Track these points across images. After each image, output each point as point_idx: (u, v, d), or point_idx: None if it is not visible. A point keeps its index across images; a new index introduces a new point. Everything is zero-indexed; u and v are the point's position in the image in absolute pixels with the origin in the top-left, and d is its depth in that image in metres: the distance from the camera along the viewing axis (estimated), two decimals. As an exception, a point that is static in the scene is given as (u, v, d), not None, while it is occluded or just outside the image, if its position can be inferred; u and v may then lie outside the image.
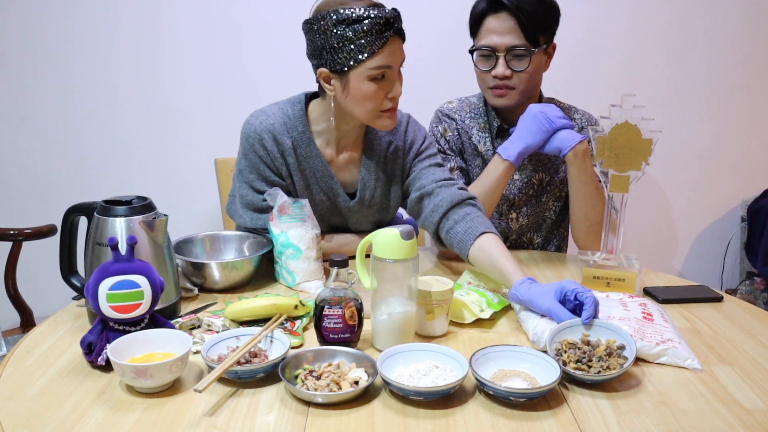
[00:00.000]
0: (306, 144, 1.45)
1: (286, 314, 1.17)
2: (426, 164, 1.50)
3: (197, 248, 1.47)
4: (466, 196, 1.40)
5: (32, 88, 2.37)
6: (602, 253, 1.40)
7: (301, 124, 1.45)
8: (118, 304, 1.01)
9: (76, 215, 1.25)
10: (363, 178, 1.50)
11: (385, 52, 1.28)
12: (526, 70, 1.55)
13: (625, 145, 1.31)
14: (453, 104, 1.75)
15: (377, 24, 1.25)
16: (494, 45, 1.55)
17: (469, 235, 1.31)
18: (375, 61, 1.28)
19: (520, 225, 1.74)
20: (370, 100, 1.33)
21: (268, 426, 0.87)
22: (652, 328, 1.10)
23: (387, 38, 1.27)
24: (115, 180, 2.45)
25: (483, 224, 1.33)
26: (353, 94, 1.33)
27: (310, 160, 1.46)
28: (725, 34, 2.47)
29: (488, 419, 0.89)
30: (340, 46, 1.28)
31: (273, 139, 1.42)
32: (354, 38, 1.26)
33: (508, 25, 1.53)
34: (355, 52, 1.28)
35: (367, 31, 1.25)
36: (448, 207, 1.38)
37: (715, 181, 2.63)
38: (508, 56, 1.55)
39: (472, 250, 1.30)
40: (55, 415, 0.89)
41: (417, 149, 1.52)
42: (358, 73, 1.30)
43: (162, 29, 2.35)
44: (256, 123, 1.44)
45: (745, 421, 0.90)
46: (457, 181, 1.47)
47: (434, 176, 1.46)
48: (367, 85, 1.31)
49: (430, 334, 1.16)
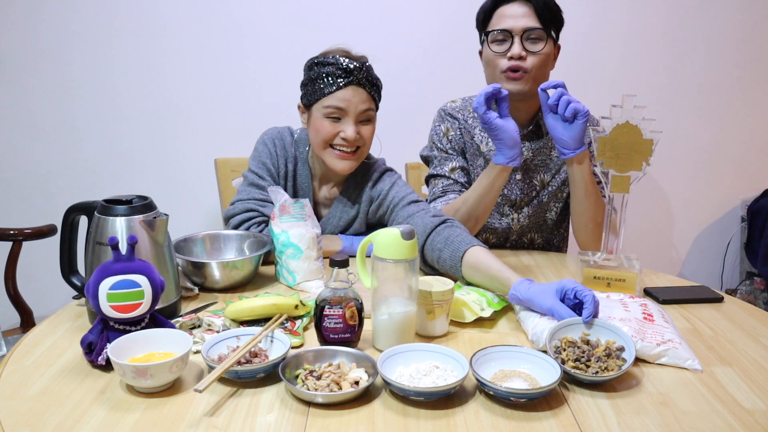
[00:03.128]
0: (302, 163, 1.63)
1: (287, 314, 1.17)
2: (400, 205, 1.55)
3: (197, 248, 1.47)
4: (439, 221, 1.41)
5: (33, 88, 2.37)
6: (603, 253, 1.40)
7: (302, 145, 1.64)
8: (118, 304, 1.00)
9: (77, 215, 1.25)
10: (329, 215, 1.64)
11: (339, 95, 1.47)
12: (541, 51, 1.56)
13: (626, 146, 1.31)
14: (456, 103, 1.75)
15: (339, 70, 1.46)
16: (510, 27, 1.56)
17: (456, 258, 1.32)
18: (329, 101, 1.47)
19: (521, 225, 1.74)
20: (321, 133, 1.50)
21: (268, 426, 0.87)
22: (653, 329, 1.10)
23: (341, 84, 1.46)
24: (115, 180, 2.45)
25: (464, 242, 1.33)
26: (312, 126, 1.53)
27: (300, 177, 1.63)
28: (725, 34, 2.47)
29: (489, 419, 0.89)
30: (310, 83, 1.51)
31: (282, 144, 1.62)
32: (318, 79, 1.48)
33: (522, 11, 1.56)
34: (317, 91, 1.49)
35: (329, 74, 1.47)
36: (425, 237, 1.40)
37: (715, 181, 2.63)
38: (524, 37, 1.55)
39: (464, 269, 1.31)
40: (55, 415, 0.89)
41: (389, 199, 1.58)
42: (317, 109, 1.50)
43: (162, 29, 2.35)
44: (272, 130, 1.65)
45: (745, 421, 0.90)
46: (428, 209, 1.50)
47: (407, 211, 1.52)
48: (322, 120, 1.50)
49: (431, 335, 1.15)
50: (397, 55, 2.38)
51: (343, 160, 1.52)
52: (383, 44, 2.33)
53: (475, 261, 1.29)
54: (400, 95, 2.36)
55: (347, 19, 2.35)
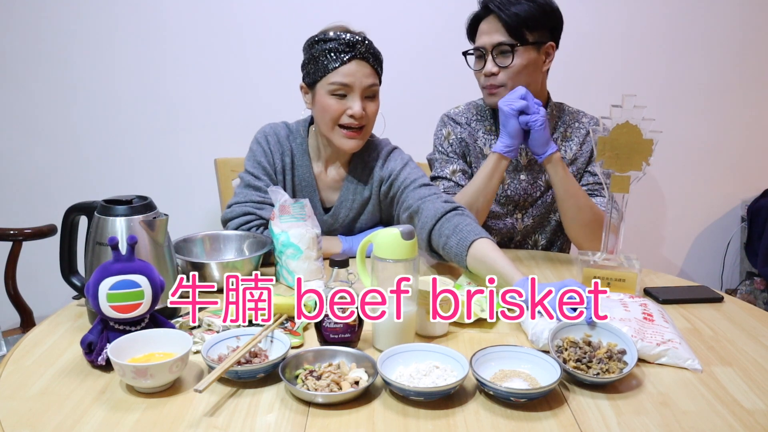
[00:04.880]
0: (300, 154, 1.61)
1: (287, 314, 1.17)
2: (411, 187, 1.54)
3: (197, 248, 1.47)
4: (450, 207, 1.41)
5: (33, 88, 2.37)
6: (603, 253, 1.40)
7: (300, 136, 1.62)
8: (118, 304, 1.00)
9: (77, 215, 1.25)
10: (341, 197, 1.63)
11: (343, 70, 1.45)
12: (510, 65, 1.59)
13: (626, 146, 1.31)
14: (459, 108, 1.78)
15: (341, 45, 1.45)
16: (483, 44, 1.62)
17: (462, 247, 1.32)
18: (333, 77, 1.45)
19: (525, 226, 1.75)
20: (328, 112, 1.49)
21: (268, 426, 0.87)
22: (653, 329, 1.10)
23: (345, 59, 1.44)
24: (115, 180, 2.45)
25: (472, 232, 1.33)
26: (317, 106, 1.51)
27: (300, 169, 1.61)
28: (724, 34, 2.47)
29: (488, 419, 0.89)
30: (312, 62, 1.49)
31: (276, 140, 1.60)
32: (320, 56, 1.46)
33: (494, 25, 1.60)
34: (320, 68, 1.47)
35: (332, 50, 1.45)
36: (434, 222, 1.40)
37: (715, 181, 2.63)
38: (495, 53, 1.60)
39: (469, 260, 1.31)
40: (55, 415, 0.89)
41: (400, 179, 1.57)
42: (322, 87, 1.48)
43: (162, 29, 2.35)
44: (266, 127, 1.64)
45: (745, 421, 0.90)
46: (440, 194, 1.49)
47: (418, 194, 1.51)
48: (328, 98, 1.48)
49: (431, 335, 1.15)
50: (407, 58, 2.36)
51: (350, 139, 1.51)
52: (391, 48, 2.31)
53: (481, 254, 1.29)
54: (408, 97, 2.37)
55: (350, 21, 2.35)
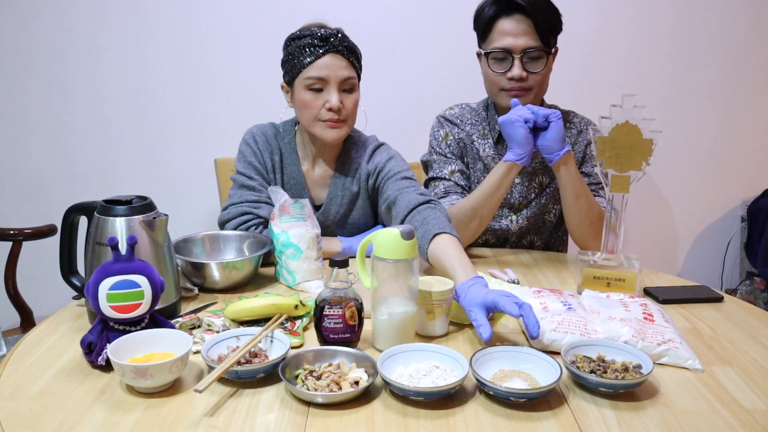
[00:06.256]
0: (289, 153, 1.63)
1: (287, 314, 1.17)
2: (393, 179, 1.54)
3: (197, 248, 1.47)
4: (423, 200, 1.41)
5: (32, 89, 2.37)
6: (602, 253, 1.40)
7: (288, 135, 1.63)
8: (118, 304, 1.00)
9: (76, 215, 1.25)
10: (330, 194, 1.63)
11: (318, 64, 1.46)
12: (541, 71, 1.55)
13: (626, 145, 1.31)
14: (454, 110, 1.76)
15: (315, 40, 1.46)
16: (509, 47, 1.54)
17: (424, 240, 1.31)
18: (309, 71, 1.47)
19: (520, 227, 1.74)
20: (307, 107, 1.50)
21: (268, 426, 0.87)
22: (653, 329, 1.10)
23: (320, 53, 1.46)
24: (115, 180, 2.45)
25: (437, 226, 1.32)
26: (296, 102, 1.53)
27: (289, 167, 1.63)
28: (726, 34, 2.47)
29: (489, 419, 0.89)
30: (289, 60, 1.51)
31: (264, 139, 1.62)
32: (296, 53, 1.48)
33: (523, 27, 1.53)
34: (297, 65, 1.49)
35: (306, 45, 1.47)
36: (406, 213, 1.41)
37: (716, 181, 2.63)
38: (524, 58, 1.54)
39: (429, 254, 1.31)
40: (55, 415, 0.89)
41: (384, 171, 1.57)
42: (299, 83, 1.50)
43: (162, 29, 2.35)
44: (252, 128, 1.65)
45: (745, 421, 0.90)
46: (418, 186, 1.50)
47: (397, 185, 1.51)
48: (306, 93, 1.49)
49: (431, 334, 1.15)
50: (398, 58, 2.37)
51: (333, 129, 1.50)
52: (387, 49, 2.33)
53: (438, 249, 1.28)
54: (400, 98, 2.36)
55: (348, 21, 2.35)
